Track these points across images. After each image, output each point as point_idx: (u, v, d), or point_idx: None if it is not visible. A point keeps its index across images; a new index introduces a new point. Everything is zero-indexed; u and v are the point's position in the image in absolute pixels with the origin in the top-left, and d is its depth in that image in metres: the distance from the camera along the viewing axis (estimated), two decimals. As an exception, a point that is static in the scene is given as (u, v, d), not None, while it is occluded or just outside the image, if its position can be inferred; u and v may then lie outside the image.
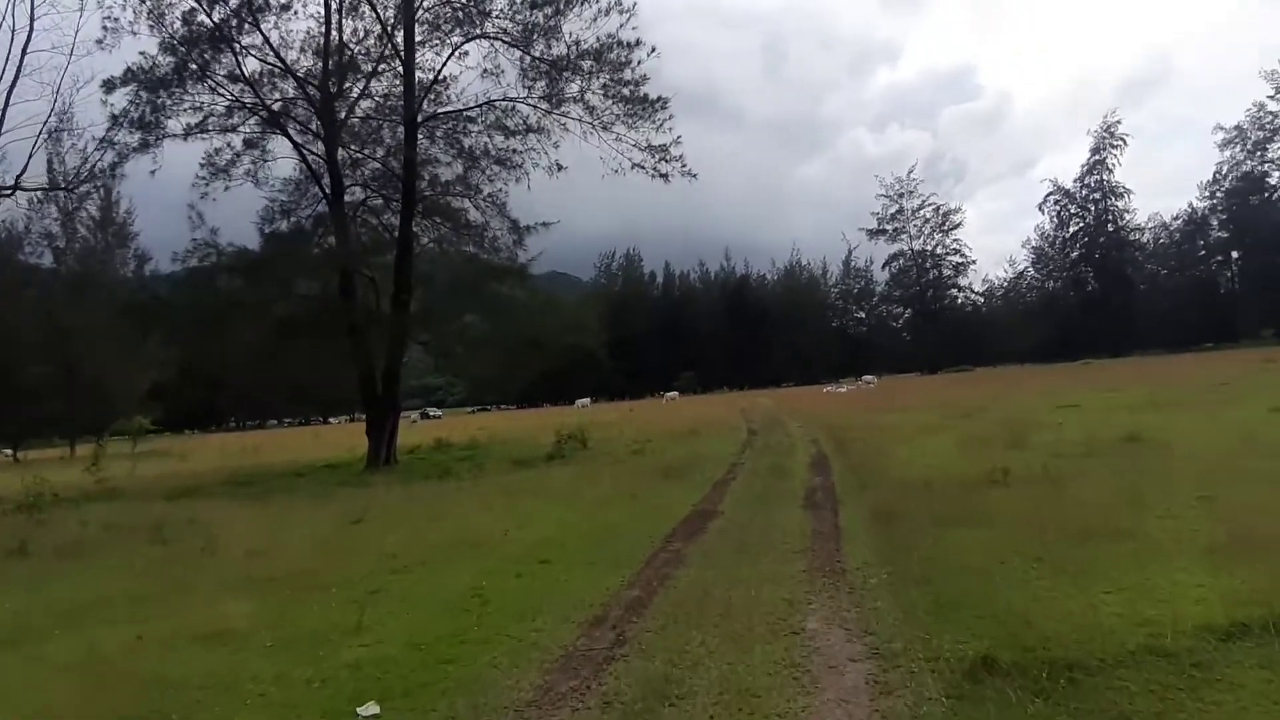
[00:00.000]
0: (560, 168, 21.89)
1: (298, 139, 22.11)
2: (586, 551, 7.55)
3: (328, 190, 22.24)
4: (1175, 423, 13.99)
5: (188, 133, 20.38)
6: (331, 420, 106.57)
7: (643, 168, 20.49)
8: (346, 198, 22.76)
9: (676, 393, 48.46)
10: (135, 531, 10.42)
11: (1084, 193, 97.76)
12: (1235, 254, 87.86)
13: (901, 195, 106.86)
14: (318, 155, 22.34)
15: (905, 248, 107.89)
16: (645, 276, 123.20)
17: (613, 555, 7.19)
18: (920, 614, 4.76)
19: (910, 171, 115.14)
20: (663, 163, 20.36)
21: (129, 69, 19.42)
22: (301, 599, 6.33)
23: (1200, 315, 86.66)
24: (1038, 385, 35.00)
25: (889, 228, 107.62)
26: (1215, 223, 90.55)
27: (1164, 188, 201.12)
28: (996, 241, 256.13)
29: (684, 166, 20.59)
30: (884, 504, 8.57)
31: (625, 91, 20.31)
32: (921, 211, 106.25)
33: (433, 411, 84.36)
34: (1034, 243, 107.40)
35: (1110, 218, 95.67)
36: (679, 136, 20.32)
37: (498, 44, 21.15)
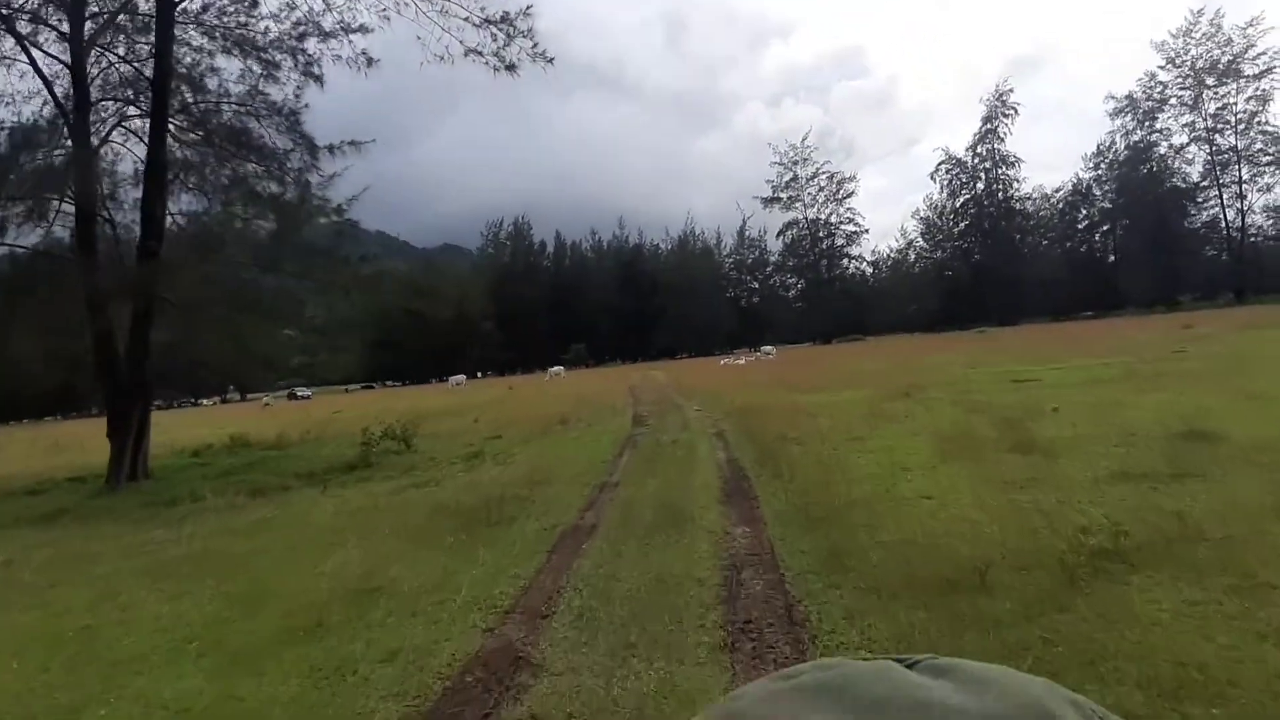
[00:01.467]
0: (370, 61, 15.79)
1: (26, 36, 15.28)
2: None
3: (68, 104, 15.50)
4: (1233, 408, 9.75)
5: None
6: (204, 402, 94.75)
7: (480, 54, 14.65)
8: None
9: (561, 368, 43.00)
10: None
11: (975, 161, 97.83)
12: (1122, 223, 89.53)
13: (796, 163, 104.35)
14: (56, 58, 15.60)
15: (799, 216, 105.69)
16: (535, 246, 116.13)
17: None
18: None
19: (804, 139, 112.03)
20: (507, 44, 14.58)
21: None
22: None
23: (1084, 284, 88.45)
24: (950, 354, 31.67)
25: (783, 195, 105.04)
26: (1099, 193, 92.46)
27: (1043, 163, 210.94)
28: (883, 217, 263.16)
29: (536, 48, 14.84)
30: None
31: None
32: (816, 179, 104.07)
33: (301, 391, 75.34)
34: (923, 213, 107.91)
35: (1000, 186, 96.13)
36: (530, 4, 14.52)
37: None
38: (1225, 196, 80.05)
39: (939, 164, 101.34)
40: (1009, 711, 0.37)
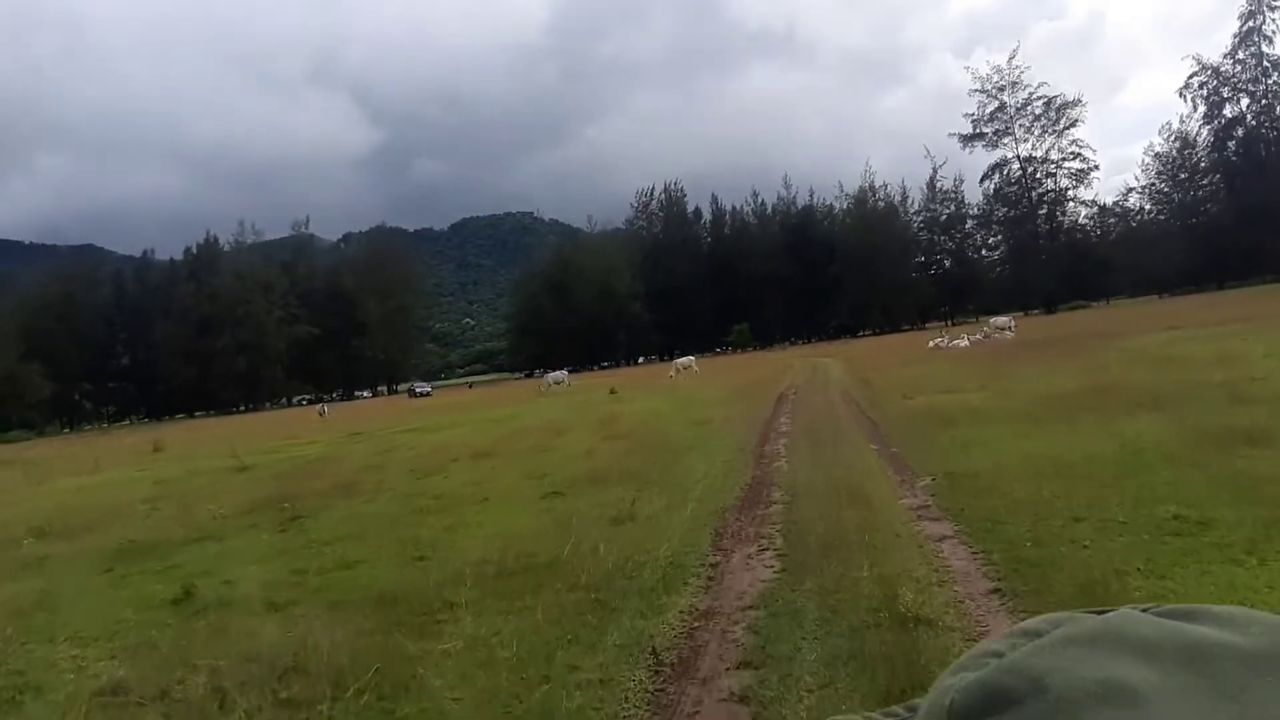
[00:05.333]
0: None
1: None
2: None
3: None
4: None
5: None
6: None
7: None
8: None
9: (692, 359, 31.02)
10: None
11: (1237, 70, 73.79)
12: None
13: (1002, 89, 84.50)
14: None
15: (1009, 154, 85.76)
16: (689, 215, 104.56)
17: None
18: None
19: (1012, 57, 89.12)
20: None
21: None
22: None
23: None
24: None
25: (987, 130, 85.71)
26: None
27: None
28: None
29: None
30: None
31: None
32: (1029, 107, 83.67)
33: (420, 387, 69.54)
34: (1158, 147, 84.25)
35: (1270, 99, 71.98)
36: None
37: None
38: None
39: (1189, 77, 77.74)
40: (1275, 647, 0.38)
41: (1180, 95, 78.78)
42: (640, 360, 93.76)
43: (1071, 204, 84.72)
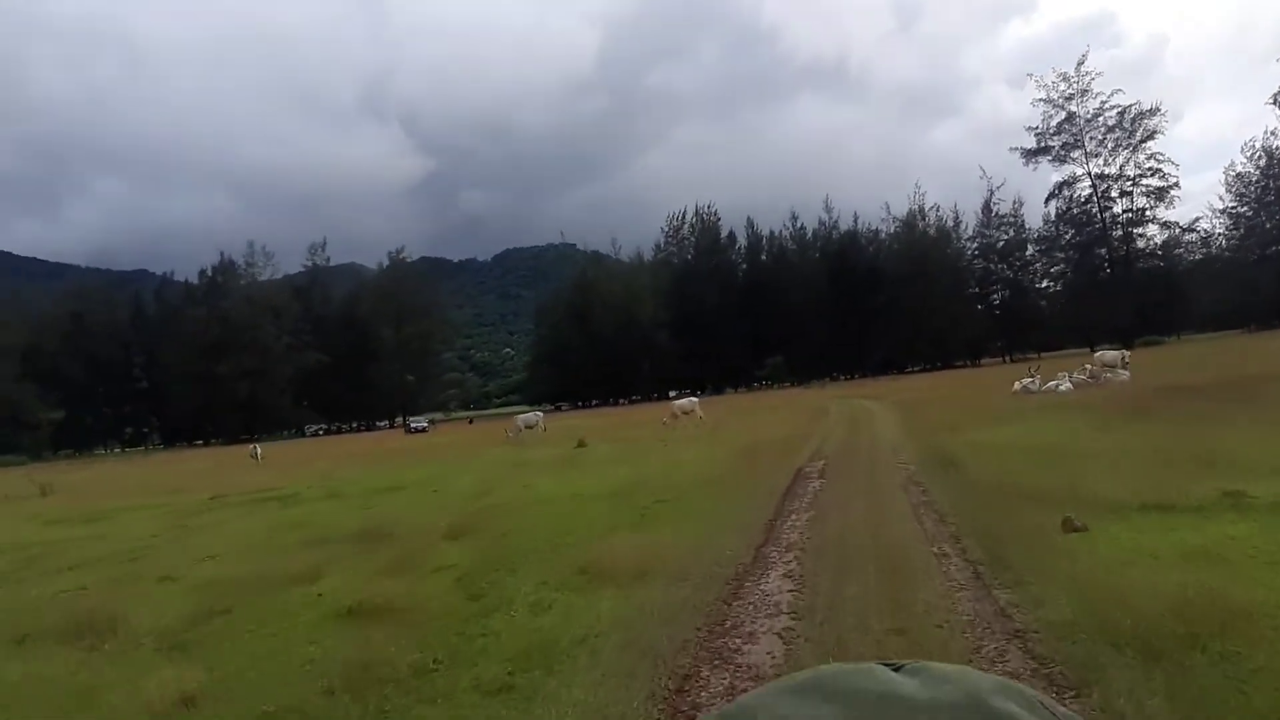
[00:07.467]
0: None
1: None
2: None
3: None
4: None
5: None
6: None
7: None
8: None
9: (695, 401, 23.79)
10: None
11: None
12: None
13: (1070, 98, 75.62)
14: None
15: (1079, 171, 76.74)
16: (724, 240, 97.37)
17: None
18: None
19: (1080, 63, 76.57)
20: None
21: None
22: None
23: None
24: None
25: (1054, 143, 76.64)
26: None
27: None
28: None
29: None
30: None
31: None
32: (1101, 118, 74.82)
33: (416, 422, 63.24)
34: (1241, 167, 74.64)
35: None
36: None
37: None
38: None
39: None
40: (954, 698, 0.44)
41: (1274, 102, 69.09)
42: (671, 394, 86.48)
43: (1152, 225, 75.00)
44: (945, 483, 9.33)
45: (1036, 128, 78.07)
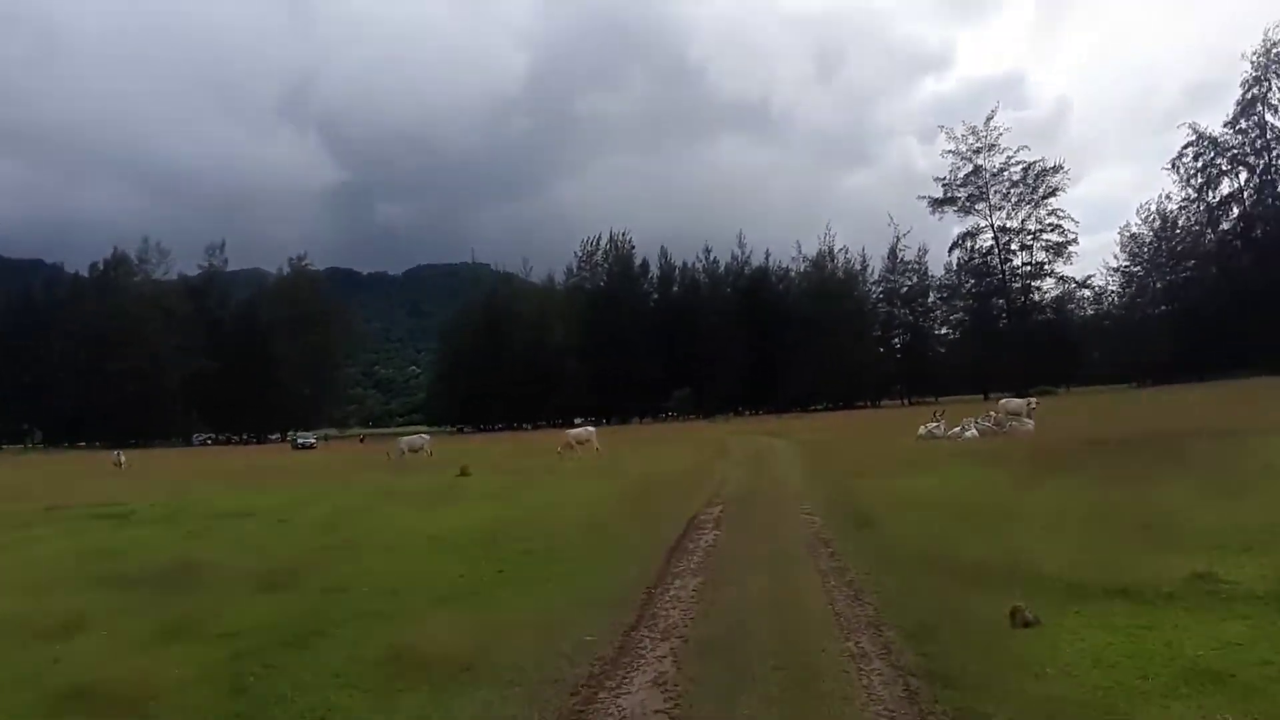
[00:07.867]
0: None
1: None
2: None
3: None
4: None
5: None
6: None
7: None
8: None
9: (591, 430, 21.95)
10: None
11: (1237, 140, 69.32)
12: None
13: (978, 151, 78.88)
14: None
15: (982, 221, 79.83)
16: (636, 269, 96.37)
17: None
18: None
19: (990, 119, 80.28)
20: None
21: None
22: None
23: None
24: None
25: (960, 194, 79.58)
26: None
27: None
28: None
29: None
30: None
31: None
32: (1006, 173, 78.21)
33: (303, 438, 58.97)
34: (1134, 228, 79.38)
35: (1273, 173, 67.63)
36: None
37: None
38: None
39: (1184, 147, 72.38)
40: None
41: (1172, 167, 73.21)
42: (577, 421, 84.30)
43: (1049, 278, 78.51)
44: (859, 544, 7.86)
45: (944, 178, 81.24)
